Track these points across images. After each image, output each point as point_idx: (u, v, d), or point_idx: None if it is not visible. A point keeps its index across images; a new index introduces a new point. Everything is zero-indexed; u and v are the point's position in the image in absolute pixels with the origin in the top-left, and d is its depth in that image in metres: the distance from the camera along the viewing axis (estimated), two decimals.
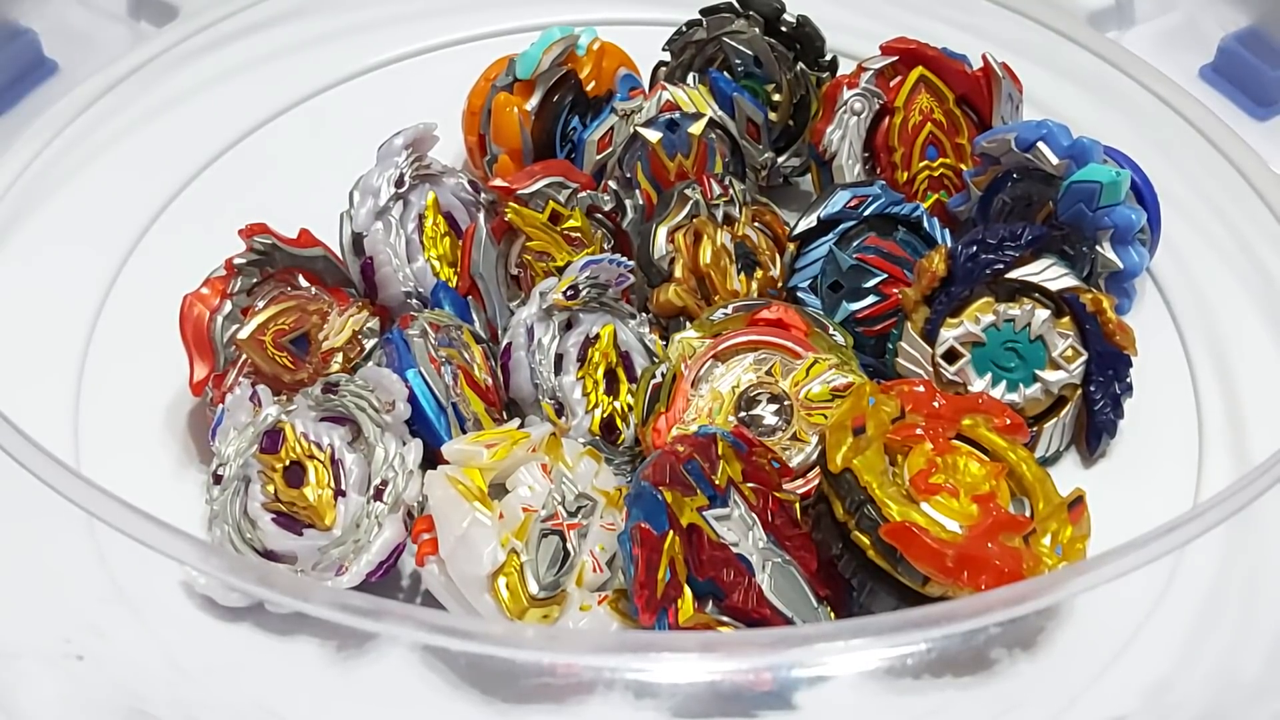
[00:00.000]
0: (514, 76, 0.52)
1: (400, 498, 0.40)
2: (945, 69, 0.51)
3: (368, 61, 0.61)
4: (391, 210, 0.47)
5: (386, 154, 0.48)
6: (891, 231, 0.48)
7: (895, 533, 0.37)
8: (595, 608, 0.39)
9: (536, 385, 0.44)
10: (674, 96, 0.51)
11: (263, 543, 0.41)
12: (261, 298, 0.45)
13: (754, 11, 0.53)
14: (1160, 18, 0.64)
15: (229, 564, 0.37)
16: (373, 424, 0.41)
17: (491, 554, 0.37)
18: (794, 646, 0.32)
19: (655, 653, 0.33)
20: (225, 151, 0.57)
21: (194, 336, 0.44)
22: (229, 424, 0.43)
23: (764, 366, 0.44)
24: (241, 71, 0.60)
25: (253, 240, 0.45)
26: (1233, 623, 0.41)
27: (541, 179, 0.47)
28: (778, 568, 0.39)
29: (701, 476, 0.39)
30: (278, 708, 0.38)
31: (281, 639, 0.40)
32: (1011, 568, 0.37)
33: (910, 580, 0.38)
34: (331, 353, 0.45)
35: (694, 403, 0.44)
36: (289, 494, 0.41)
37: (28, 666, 0.38)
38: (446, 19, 0.63)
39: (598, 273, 0.45)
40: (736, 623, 0.38)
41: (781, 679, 0.35)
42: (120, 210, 0.53)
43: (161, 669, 0.38)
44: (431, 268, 0.48)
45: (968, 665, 0.37)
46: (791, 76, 0.54)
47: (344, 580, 0.39)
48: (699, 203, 0.49)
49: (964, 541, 0.37)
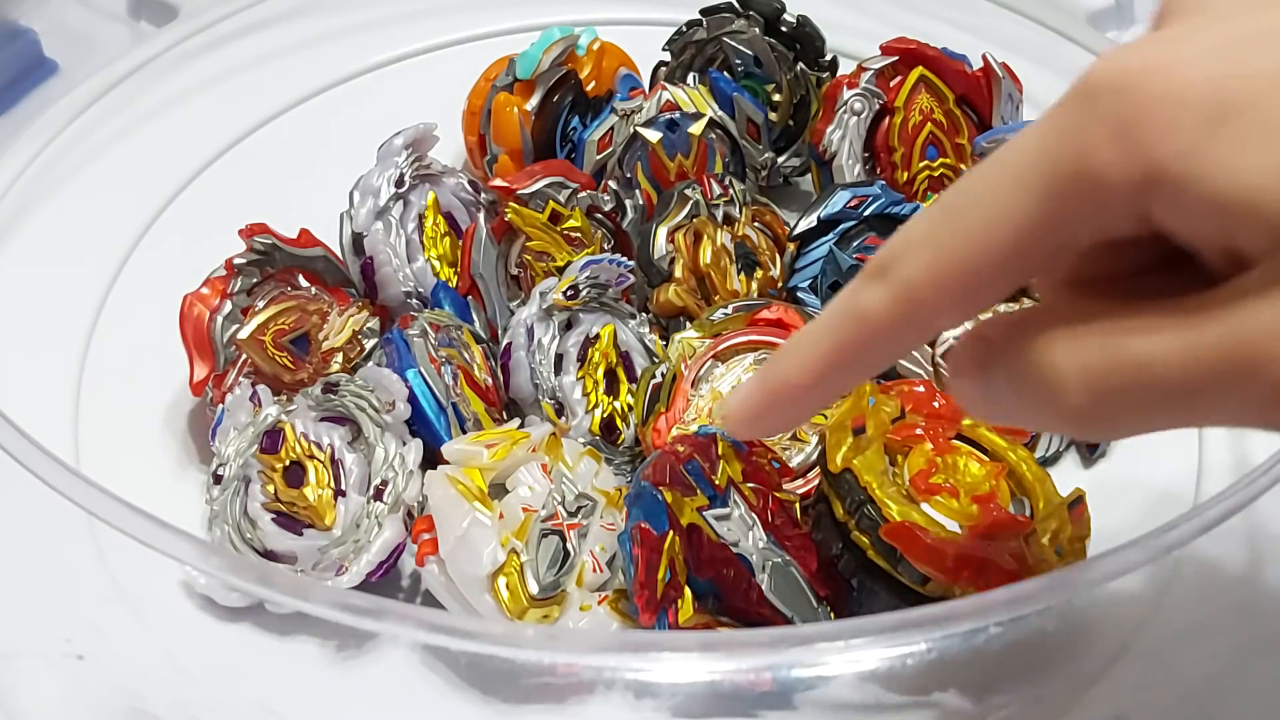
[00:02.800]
0: (514, 76, 0.52)
1: (400, 498, 0.40)
2: (945, 69, 0.51)
3: (368, 61, 0.61)
4: (392, 210, 0.47)
5: (387, 154, 0.48)
6: (892, 231, 0.48)
7: (895, 533, 0.37)
8: (595, 608, 0.39)
9: (536, 385, 0.44)
10: (674, 96, 0.51)
11: (263, 543, 0.41)
12: (261, 298, 0.45)
13: (754, 11, 0.53)
14: None
15: (229, 564, 0.37)
16: (373, 424, 0.41)
17: (491, 554, 0.37)
18: (794, 646, 0.32)
19: (655, 652, 0.33)
20: (225, 151, 0.57)
21: (194, 336, 0.44)
22: (229, 424, 0.43)
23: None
24: (241, 71, 0.60)
25: (253, 240, 0.45)
26: (1232, 623, 0.41)
27: (541, 179, 0.47)
28: (778, 568, 0.39)
29: (701, 476, 0.39)
30: (278, 707, 0.38)
31: (282, 639, 0.40)
32: (1011, 568, 0.37)
33: (910, 580, 0.38)
34: (331, 353, 0.45)
35: (694, 403, 0.44)
36: (289, 494, 0.41)
37: (28, 666, 0.38)
38: (446, 19, 0.63)
39: (598, 273, 0.45)
40: (736, 623, 0.38)
41: (781, 679, 0.35)
42: (121, 210, 0.53)
43: (162, 669, 0.38)
44: (431, 268, 0.48)
45: (968, 665, 0.37)
46: (792, 76, 0.54)
47: (344, 580, 0.39)
48: (699, 203, 0.49)
49: (964, 541, 0.37)
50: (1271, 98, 0.23)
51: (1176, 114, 0.24)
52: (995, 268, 0.26)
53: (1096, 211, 0.25)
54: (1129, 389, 0.25)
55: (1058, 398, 0.26)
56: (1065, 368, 0.26)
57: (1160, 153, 0.24)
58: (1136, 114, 0.24)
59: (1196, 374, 0.24)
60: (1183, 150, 0.23)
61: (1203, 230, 0.24)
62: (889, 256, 0.28)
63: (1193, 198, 0.24)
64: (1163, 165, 0.24)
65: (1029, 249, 0.26)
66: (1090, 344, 0.26)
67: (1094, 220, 0.25)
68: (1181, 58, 0.24)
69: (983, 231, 0.26)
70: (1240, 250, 0.24)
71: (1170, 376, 0.25)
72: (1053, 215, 0.25)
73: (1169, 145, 0.24)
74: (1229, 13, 0.25)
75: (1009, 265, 0.26)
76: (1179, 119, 0.24)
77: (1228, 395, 0.24)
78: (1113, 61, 0.24)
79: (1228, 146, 0.23)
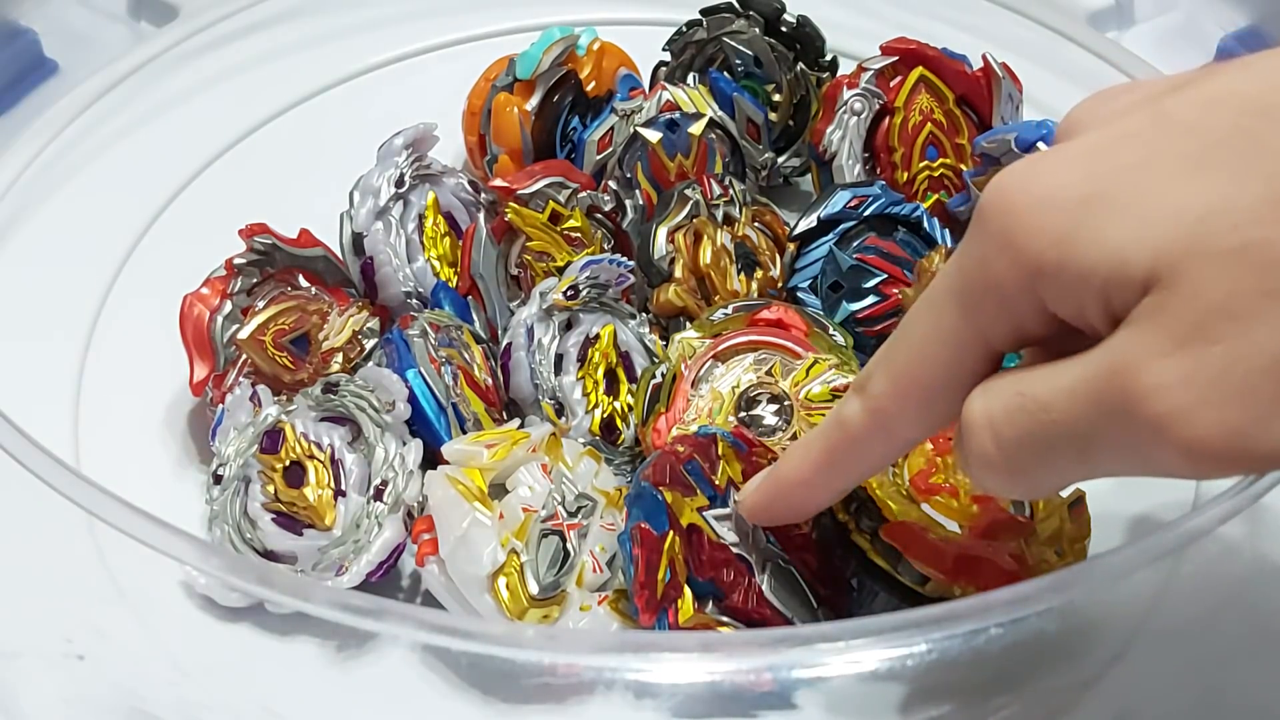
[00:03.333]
0: (514, 76, 0.52)
1: (400, 498, 0.40)
2: (945, 69, 0.51)
3: (368, 61, 0.61)
4: (392, 210, 0.47)
5: (387, 154, 0.48)
6: (892, 232, 0.48)
7: (895, 532, 0.37)
8: (595, 608, 0.39)
9: (536, 385, 0.44)
10: (674, 97, 0.51)
11: (263, 543, 0.41)
12: (261, 298, 0.45)
13: (754, 12, 0.53)
14: (1160, 18, 0.64)
15: (229, 564, 0.37)
16: (373, 424, 0.41)
17: (491, 554, 0.37)
18: (794, 647, 0.32)
19: (655, 653, 0.33)
20: (225, 151, 0.57)
21: (194, 336, 0.44)
22: (229, 424, 0.43)
23: (764, 367, 0.44)
24: (241, 71, 0.60)
25: (253, 240, 0.45)
26: (1233, 623, 0.41)
27: (541, 179, 0.47)
28: (778, 568, 0.39)
29: (701, 476, 0.39)
30: (278, 707, 0.38)
31: (282, 639, 0.40)
32: (1011, 568, 0.37)
33: (910, 580, 0.38)
34: (332, 353, 0.45)
35: (694, 403, 0.44)
36: (289, 494, 0.41)
37: (28, 666, 0.38)
38: (446, 19, 0.63)
39: (598, 273, 0.45)
40: (736, 623, 0.38)
41: (782, 679, 0.35)
42: (121, 210, 0.53)
43: (162, 669, 0.38)
44: (432, 268, 0.48)
45: (968, 666, 0.37)
46: (791, 77, 0.54)
47: (344, 580, 0.39)
48: (699, 203, 0.49)
49: (964, 542, 0.37)
50: (1123, 183, 0.27)
51: (1047, 214, 0.28)
52: (939, 379, 0.31)
53: (1005, 314, 0.29)
54: (1030, 433, 0.29)
55: (972, 446, 0.30)
56: (978, 415, 0.29)
57: (1037, 249, 0.28)
58: (1014, 225, 0.28)
59: (1085, 413, 0.28)
60: (1055, 241, 0.27)
61: (1087, 306, 0.28)
62: (865, 374, 0.33)
63: (1070, 278, 0.27)
64: (1042, 260, 0.28)
65: (963, 357, 0.30)
66: (1000, 392, 0.29)
67: (1006, 322, 0.29)
68: (1049, 168, 0.28)
69: (921, 347, 0.31)
70: (1118, 313, 0.27)
71: (1064, 418, 0.28)
72: (972, 324, 0.30)
73: (1043, 241, 0.28)
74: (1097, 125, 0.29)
75: (950, 375, 0.31)
76: (1049, 217, 0.28)
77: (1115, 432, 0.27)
78: (995, 186, 0.29)
79: (1092, 228, 0.27)
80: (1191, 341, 0.26)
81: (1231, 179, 0.26)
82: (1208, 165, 0.26)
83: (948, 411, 0.31)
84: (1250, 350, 0.25)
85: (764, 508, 0.37)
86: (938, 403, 0.31)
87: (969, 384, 0.30)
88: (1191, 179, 0.26)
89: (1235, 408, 0.26)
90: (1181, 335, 0.26)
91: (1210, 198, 0.26)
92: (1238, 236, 0.26)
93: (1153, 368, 0.26)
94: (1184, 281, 0.26)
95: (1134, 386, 0.26)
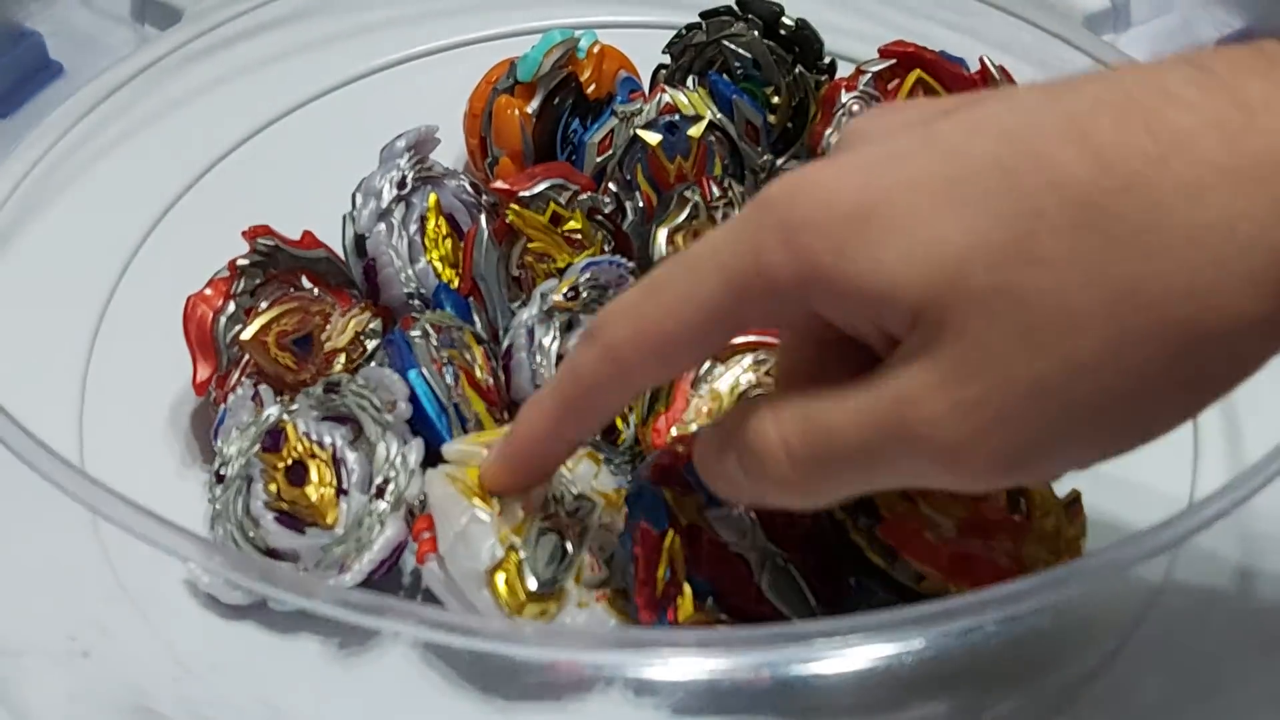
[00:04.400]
0: (515, 79, 0.52)
1: (402, 496, 0.41)
2: (943, 71, 0.52)
3: (370, 64, 0.61)
4: (394, 212, 0.47)
5: (389, 156, 0.48)
6: None
7: (892, 531, 0.37)
8: (592, 605, 0.39)
9: (537, 386, 0.45)
10: (674, 99, 0.51)
11: (265, 541, 0.41)
12: (264, 299, 0.45)
13: (753, 15, 0.54)
14: (1156, 20, 0.64)
15: (232, 561, 0.37)
16: (374, 423, 0.42)
17: (490, 549, 0.37)
18: (794, 643, 0.32)
19: (655, 649, 0.33)
20: (229, 153, 0.57)
21: (197, 337, 0.44)
22: (231, 423, 0.43)
23: (763, 366, 0.45)
24: (245, 74, 0.60)
25: (256, 242, 0.45)
26: (1229, 621, 0.41)
27: (542, 181, 0.48)
28: (776, 566, 0.39)
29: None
30: (281, 703, 0.38)
31: (284, 636, 0.40)
32: (1008, 566, 0.37)
33: (905, 579, 0.38)
34: (334, 353, 0.46)
35: (693, 403, 0.44)
36: (291, 493, 0.41)
37: (33, 664, 0.39)
38: (448, 22, 0.63)
39: (598, 274, 0.46)
40: (736, 621, 0.38)
41: (780, 675, 0.35)
42: (124, 211, 0.54)
43: (166, 666, 0.39)
44: (433, 269, 0.48)
45: (965, 663, 0.38)
46: (790, 79, 0.54)
47: (346, 578, 0.39)
48: (699, 205, 0.49)
49: (960, 540, 0.37)
50: (896, 202, 0.28)
51: (828, 219, 0.29)
52: (684, 339, 0.32)
53: (768, 301, 0.30)
54: (821, 454, 0.31)
55: (768, 468, 0.31)
56: (773, 439, 0.31)
57: (815, 251, 0.29)
58: (797, 220, 0.29)
59: (871, 439, 0.30)
60: (832, 248, 0.29)
61: (858, 318, 0.30)
62: (599, 323, 0.33)
63: (844, 291, 0.29)
64: (819, 264, 0.29)
65: (712, 327, 0.32)
66: (792, 416, 0.31)
67: (765, 308, 0.31)
68: (834, 174, 0.29)
69: (676, 308, 0.32)
70: (890, 332, 0.29)
71: (851, 442, 0.30)
72: (732, 302, 0.31)
73: (822, 245, 0.29)
74: (878, 139, 0.31)
75: (695, 338, 0.32)
76: (830, 223, 0.29)
77: (901, 456, 0.30)
78: (785, 179, 0.30)
79: (867, 245, 0.28)
80: (959, 377, 0.28)
81: (985, 215, 0.28)
82: (967, 197, 0.28)
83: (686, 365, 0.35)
84: (1007, 382, 0.28)
85: (506, 473, 0.37)
86: (680, 357, 0.33)
87: (711, 348, 0.33)
88: (954, 209, 0.28)
89: (999, 435, 0.28)
90: (949, 371, 0.28)
91: (969, 236, 0.28)
92: (990, 279, 0.27)
93: (927, 401, 0.28)
94: (949, 320, 0.28)
95: (912, 416, 0.29)
